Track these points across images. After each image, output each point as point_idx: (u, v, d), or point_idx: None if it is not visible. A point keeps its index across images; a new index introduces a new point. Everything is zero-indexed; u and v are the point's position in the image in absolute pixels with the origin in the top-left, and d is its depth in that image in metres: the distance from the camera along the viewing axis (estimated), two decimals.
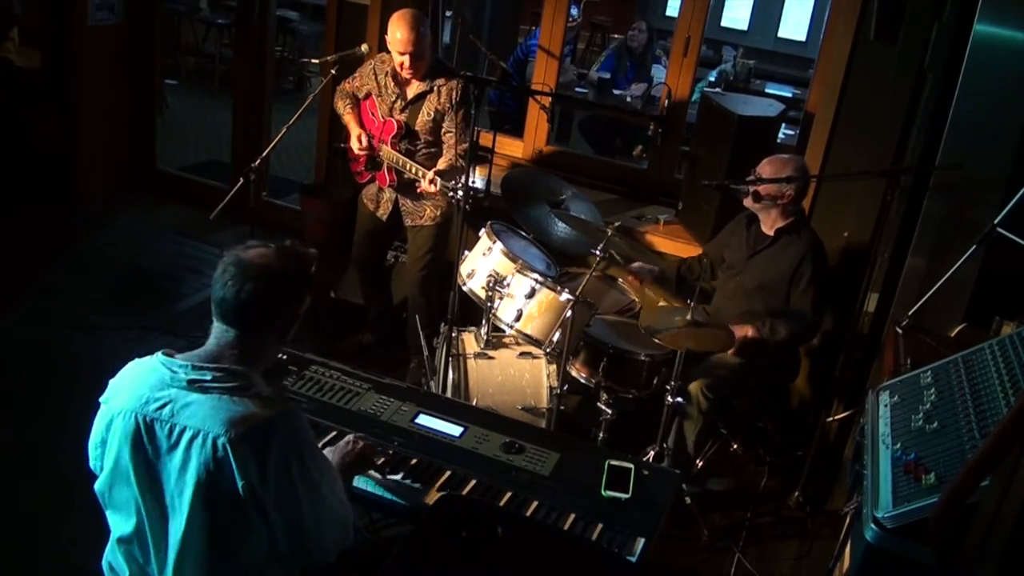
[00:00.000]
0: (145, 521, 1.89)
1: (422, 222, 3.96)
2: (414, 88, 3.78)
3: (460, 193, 3.31)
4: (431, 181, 3.56)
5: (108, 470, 1.90)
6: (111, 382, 1.93)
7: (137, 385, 1.87)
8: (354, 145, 3.86)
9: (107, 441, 1.89)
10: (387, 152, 3.79)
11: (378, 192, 4.01)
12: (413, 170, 3.67)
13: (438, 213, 3.95)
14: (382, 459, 2.35)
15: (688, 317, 3.11)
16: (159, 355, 1.89)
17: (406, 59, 3.65)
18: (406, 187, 3.88)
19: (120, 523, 1.94)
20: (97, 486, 1.95)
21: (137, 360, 1.94)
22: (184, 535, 1.84)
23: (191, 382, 1.83)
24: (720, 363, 3.43)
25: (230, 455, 1.77)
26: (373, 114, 3.88)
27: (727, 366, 3.42)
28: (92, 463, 1.97)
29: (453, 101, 3.72)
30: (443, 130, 3.78)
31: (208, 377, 1.83)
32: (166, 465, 1.83)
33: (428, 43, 3.69)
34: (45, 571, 2.89)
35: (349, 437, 2.30)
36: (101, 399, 1.92)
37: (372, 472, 2.32)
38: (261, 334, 1.90)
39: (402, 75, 3.74)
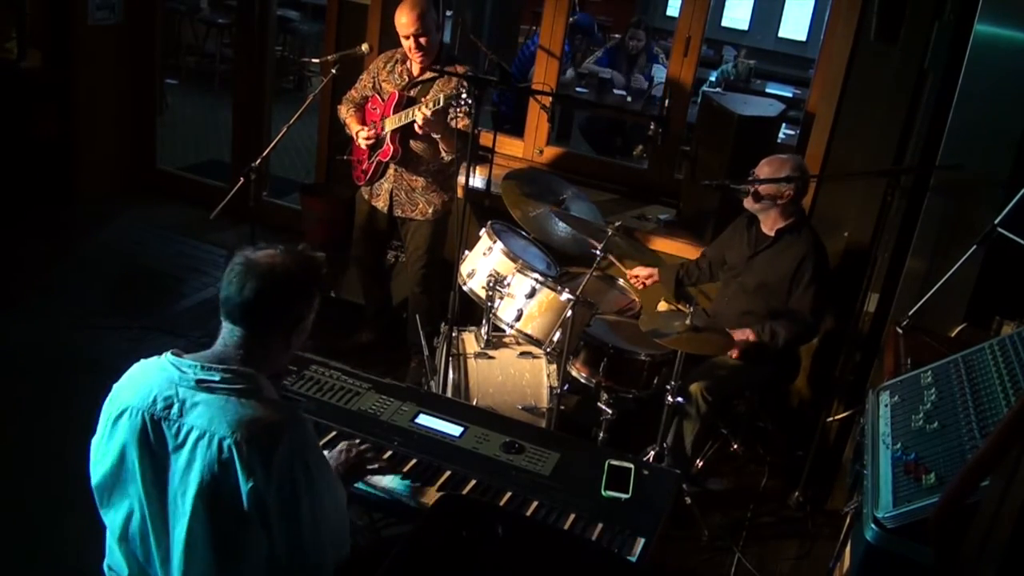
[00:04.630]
0: (148, 521, 1.88)
1: (414, 215, 3.96)
2: (426, 75, 3.79)
3: (462, 102, 3.28)
4: (431, 109, 3.50)
5: (110, 468, 1.89)
6: (118, 382, 1.93)
7: (145, 383, 1.86)
8: (360, 140, 3.85)
9: (111, 439, 1.88)
10: (390, 121, 3.77)
11: (374, 187, 4.00)
12: (414, 113, 3.62)
13: (429, 210, 3.95)
14: (377, 465, 2.33)
15: (688, 322, 3.11)
16: (168, 355, 1.89)
17: (412, 41, 3.66)
18: (407, 160, 3.86)
19: (121, 523, 1.93)
20: (96, 484, 1.94)
21: (144, 360, 1.94)
22: (188, 537, 1.83)
23: (199, 382, 1.83)
24: (721, 364, 3.43)
25: (235, 457, 1.76)
26: (375, 108, 3.88)
27: (728, 367, 3.42)
28: (92, 462, 1.96)
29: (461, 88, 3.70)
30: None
31: (216, 378, 1.83)
32: (172, 465, 1.83)
33: (434, 25, 3.69)
34: (46, 571, 2.89)
35: (342, 445, 2.30)
36: (107, 399, 1.92)
37: (371, 479, 2.32)
38: (266, 334, 1.90)
39: (412, 59, 3.75)
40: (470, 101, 3.28)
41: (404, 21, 3.64)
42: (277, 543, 1.85)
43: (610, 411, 3.40)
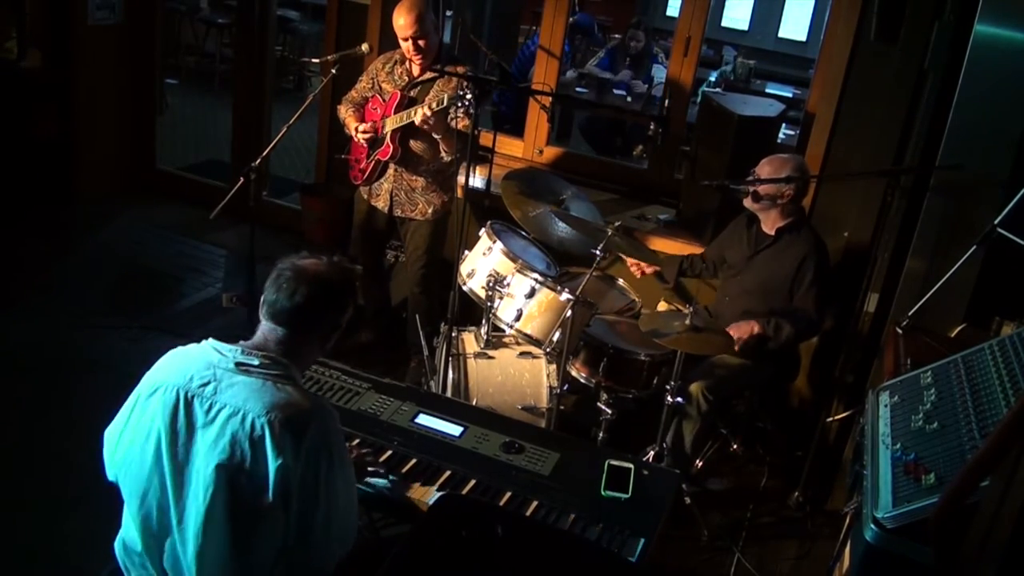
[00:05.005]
0: (169, 495, 1.92)
1: (414, 215, 3.96)
2: (426, 75, 3.79)
3: (465, 103, 3.27)
4: (432, 110, 3.51)
5: (136, 443, 1.94)
6: (152, 368, 2.01)
7: (184, 364, 1.96)
8: (359, 136, 3.85)
9: (142, 415, 1.94)
10: (391, 121, 3.77)
11: (373, 187, 4.00)
12: (415, 112, 3.62)
13: (429, 210, 3.95)
14: (375, 468, 2.35)
15: (688, 322, 3.11)
16: (210, 339, 2.00)
17: (410, 43, 3.66)
18: (407, 160, 3.86)
19: (139, 497, 1.96)
20: (117, 459, 1.99)
21: (182, 347, 2.03)
22: (207, 512, 1.87)
23: (238, 364, 1.92)
24: (721, 364, 3.43)
25: (267, 435, 1.84)
26: (375, 108, 3.88)
27: (728, 367, 3.42)
28: (108, 445, 2.01)
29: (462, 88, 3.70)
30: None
31: (255, 362, 1.93)
32: (197, 440, 1.89)
33: (432, 26, 3.69)
34: (46, 571, 2.89)
35: None
36: (139, 384, 1.99)
37: (370, 480, 2.33)
38: (307, 336, 2.01)
39: (412, 60, 3.75)
40: (472, 101, 3.28)
41: (402, 23, 3.64)
42: (290, 527, 1.90)
43: (610, 411, 3.39)
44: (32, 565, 2.90)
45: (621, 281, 3.92)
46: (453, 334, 3.41)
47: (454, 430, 2.56)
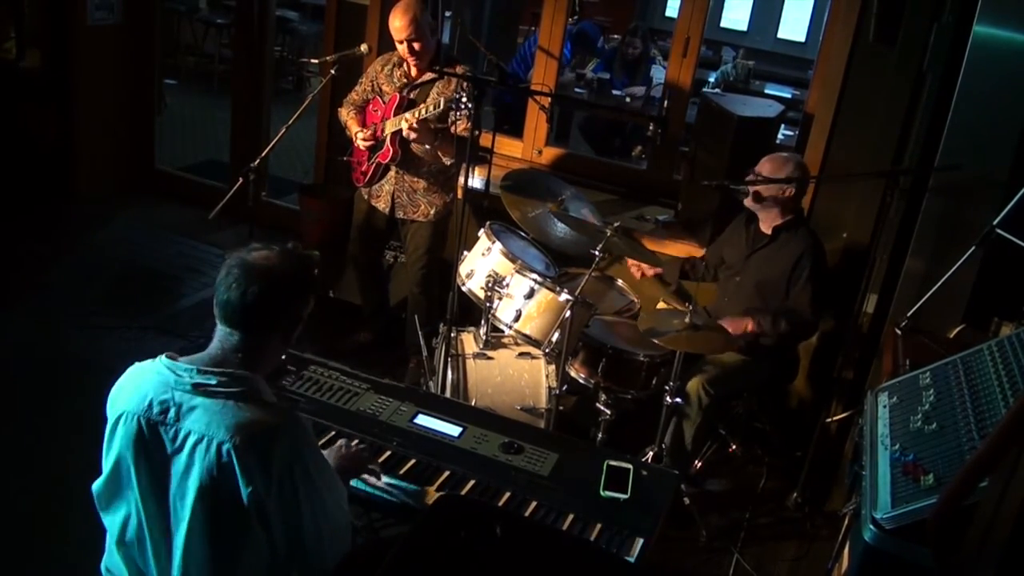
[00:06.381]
0: (145, 525, 1.88)
1: (415, 216, 3.96)
2: (425, 76, 3.80)
3: (462, 106, 3.25)
4: (416, 118, 3.54)
5: (108, 473, 1.89)
6: (115, 386, 1.91)
7: (140, 388, 1.85)
8: (359, 141, 3.85)
9: (110, 444, 1.88)
10: (390, 124, 3.77)
11: (373, 189, 4.00)
12: (401, 121, 3.64)
13: (431, 211, 3.95)
14: (375, 464, 2.34)
15: (687, 320, 3.11)
16: (162, 358, 1.87)
17: (405, 46, 3.66)
18: (407, 162, 3.86)
19: (119, 527, 1.93)
20: (95, 488, 1.94)
21: (139, 363, 1.92)
22: (187, 540, 1.83)
23: (196, 386, 1.81)
24: (719, 361, 3.43)
25: (235, 461, 1.75)
26: (376, 110, 3.88)
27: (726, 364, 3.42)
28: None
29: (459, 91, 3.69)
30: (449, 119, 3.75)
31: (213, 382, 1.81)
32: (169, 469, 1.82)
33: (428, 28, 3.69)
34: (44, 571, 2.89)
35: (341, 442, 2.30)
36: (107, 405, 1.91)
37: (367, 477, 2.32)
38: (265, 336, 1.89)
39: (408, 61, 3.75)
40: (470, 104, 3.27)
41: (397, 25, 3.64)
42: (278, 543, 1.86)
43: (608, 412, 3.39)
44: (30, 565, 2.90)
45: (620, 282, 3.92)
46: (452, 334, 3.41)
47: (453, 430, 2.55)
